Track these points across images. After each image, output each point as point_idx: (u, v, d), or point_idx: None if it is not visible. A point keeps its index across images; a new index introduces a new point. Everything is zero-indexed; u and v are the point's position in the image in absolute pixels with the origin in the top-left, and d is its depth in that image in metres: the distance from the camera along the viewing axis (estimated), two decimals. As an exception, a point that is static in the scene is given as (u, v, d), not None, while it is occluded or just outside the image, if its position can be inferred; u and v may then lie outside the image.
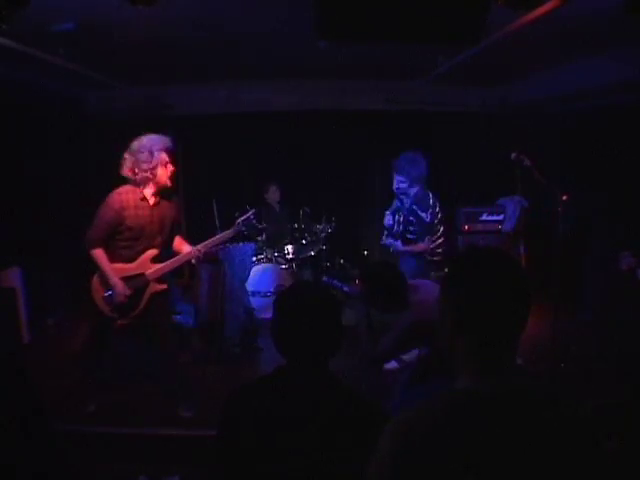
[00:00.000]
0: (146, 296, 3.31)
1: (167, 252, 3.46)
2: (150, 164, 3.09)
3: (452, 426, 1.01)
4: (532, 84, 5.34)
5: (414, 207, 4.01)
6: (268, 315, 5.56)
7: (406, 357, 3.91)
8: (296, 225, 5.73)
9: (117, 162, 3.67)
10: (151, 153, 3.09)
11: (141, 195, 3.18)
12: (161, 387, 3.58)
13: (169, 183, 3.21)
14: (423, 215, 3.98)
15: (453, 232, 5.72)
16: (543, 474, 0.98)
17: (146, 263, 3.27)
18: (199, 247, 3.44)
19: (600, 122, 4.74)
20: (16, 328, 4.43)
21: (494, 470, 0.98)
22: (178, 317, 5.38)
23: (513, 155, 3.93)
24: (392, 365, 4.11)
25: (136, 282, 3.26)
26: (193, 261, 3.57)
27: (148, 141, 3.12)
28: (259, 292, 5.21)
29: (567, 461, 1.00)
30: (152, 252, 3.28)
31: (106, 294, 3.21)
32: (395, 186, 4.05)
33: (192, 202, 6.55)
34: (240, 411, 1.48)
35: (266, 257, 5.36)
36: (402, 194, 4.07)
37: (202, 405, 3.51)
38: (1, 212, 4.41)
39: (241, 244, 5.01)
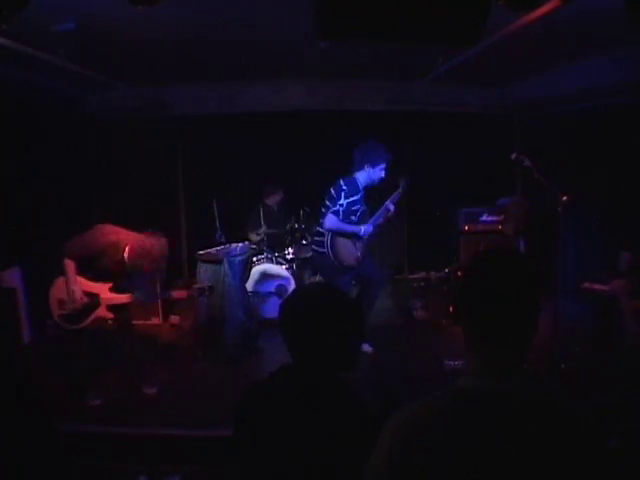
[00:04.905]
0: (92, 317, 3.56)
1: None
2: (143, 265, 3.38)
3: (450, 425, 1.01)
4: (532, 84, 5.34)
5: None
6: (268, 315, 5.58)
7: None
8: (296, 225, 5.73)
9: (117, 162, 3.73)
10: (150, 261, 3.37)
11: (121, 254, 3.42)
12: (123, 367, 3.82)
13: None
14: None
15: (453, 232, 5.73)
16: (542, 475, 0.98)
17: (104, 288, 3.56)
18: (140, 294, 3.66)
19: (600, 122, 4.74)
20: (16, 328, 4.43)
21: (492, 470, 0.97)
22: (178, 317, 5.40)
23: (513, 155, 3.93)
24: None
25: (89, 300, 3.52)
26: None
27: (152, 248, 3.37)
28: (259, 292, 5.21)
29: (567, 462, 0.99)
30: (111, 283, 3.57)
31: (65, 297, 3.49)
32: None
33: (192, 202, 6.56)
34: (253, 412, 1.49)
35: (266, 257, 5.36)
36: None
37: (202, 405, 3.52)
38: (1, 212, 4.41)
39: (241, 244, 5.02)
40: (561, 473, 0.98)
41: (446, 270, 6.21)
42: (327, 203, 4.19)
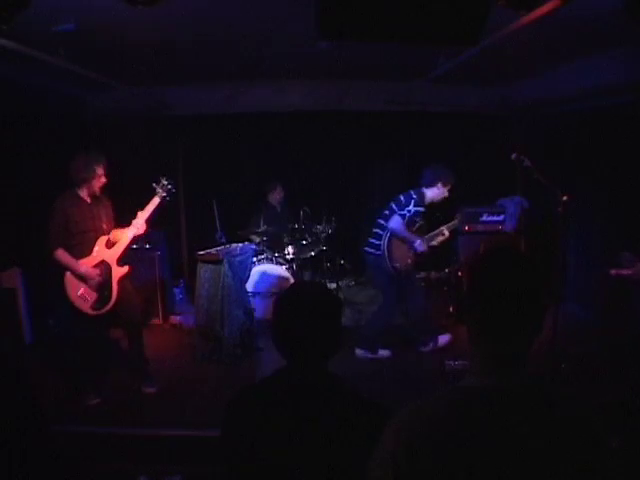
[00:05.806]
0: (115, 283, 3.67)
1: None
2: (86, 175, 3.55)
3: (452, 423, 1.01)
4: (532, 84, 5.34)
5: None
6: (268, 316, 5.57)
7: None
8: (296, 225, 5.73)
9: (117, 162, 3.76)
10: (89, 166, 3.54)
11: (78, 196, 3.61)
12: (125, 367, 3.97)
13: (98, 192, 3.65)
14: None
15: (453, 232, 5.72)
16: (542, 473, 0.98)
17: (102, 250, 3.64)
18: (138, 221, 3.77)
19: (600, 122, 4.73)
20: (16, 328, 4.44)
21: (493, 469, 0.97)
22: (178, 317, 5.40)
23: (513, 155, 3.93)
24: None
25: (101, 269, 3.60)
26: (140, 232, 3.84)
27: (88, 157, 3.58)
28: (259, 293, 5.21)
29: (568, 461, 1.00)
30: (103, 238, 3.65)
31: (83, 287, 3.53)
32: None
33: (192, 202, 6.55)
34: (242, 412, 1.48)
35: (266, 257, 5.36)
36: None
37: (202, 405, 3.52)
38: (1, 212, 4.41)
39: (242, 244, 5.02)
40: (562, 472, 0.99)
41: (446, 270, 6.21)
42: (393, 206, 4.30)
